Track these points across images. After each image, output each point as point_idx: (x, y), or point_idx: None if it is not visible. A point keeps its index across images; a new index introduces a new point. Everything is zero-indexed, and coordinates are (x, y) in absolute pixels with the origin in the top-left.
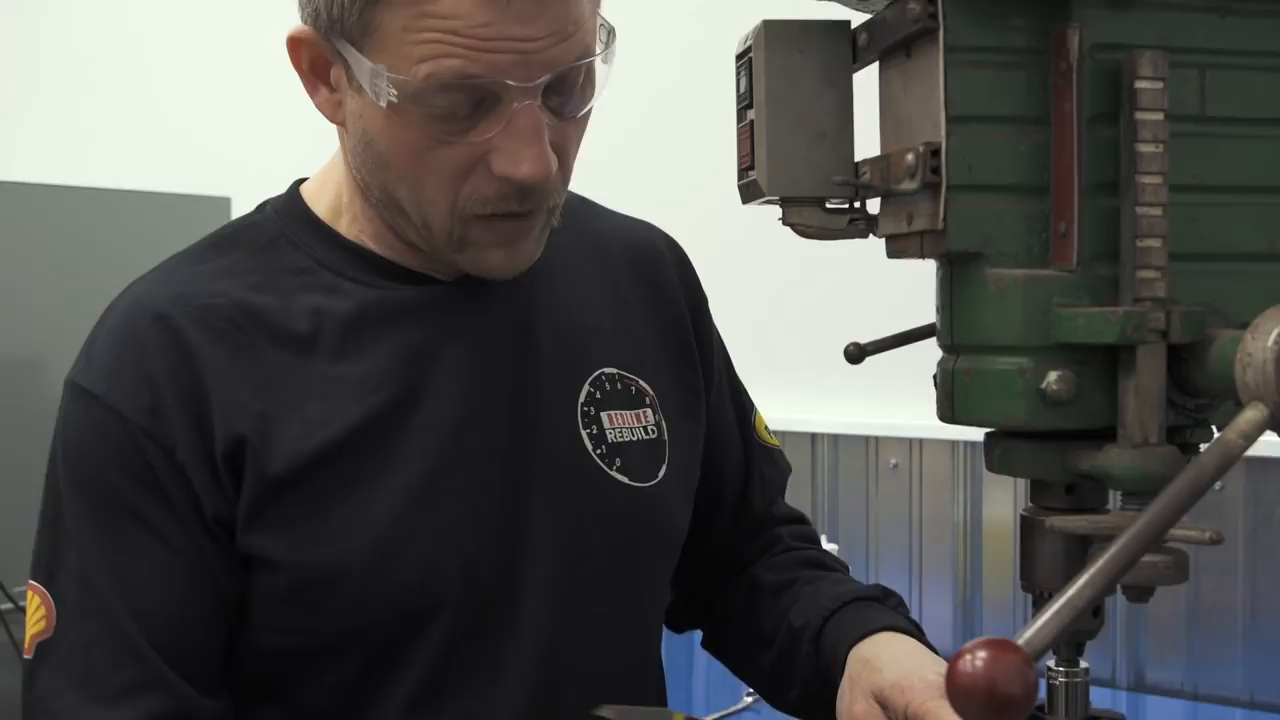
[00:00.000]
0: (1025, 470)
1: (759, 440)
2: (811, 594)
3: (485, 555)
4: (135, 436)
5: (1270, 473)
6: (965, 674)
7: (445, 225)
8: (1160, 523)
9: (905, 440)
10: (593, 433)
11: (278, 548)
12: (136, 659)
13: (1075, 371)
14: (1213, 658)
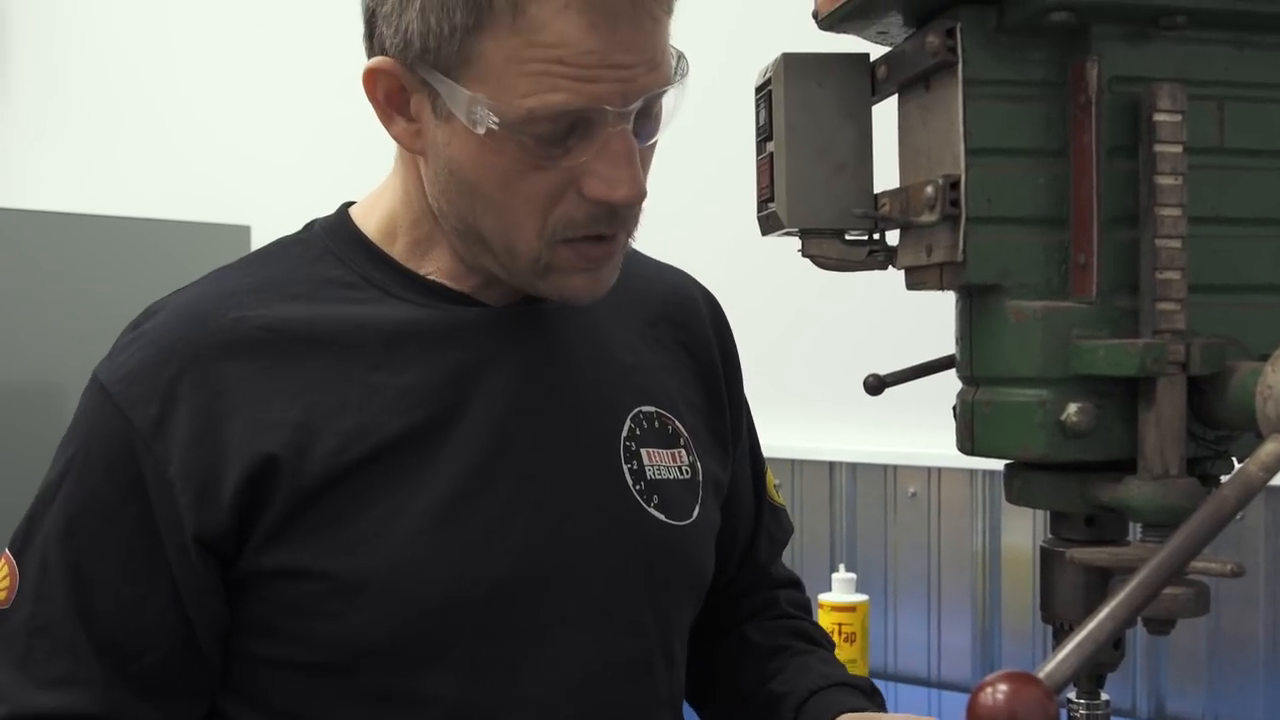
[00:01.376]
0: (1045, 502)
1: (769, 499)
2: (800, 665)
3: (511, 582)
4: (134, 443)
5: None
6: (986, 706)
7: (532, 251)
8: (1181, 555)
9: (924, 469)
10: (633, 468)
11: (302, 556)
12: (73, 655)
13: (1095, 403)
14: (1234, 688)
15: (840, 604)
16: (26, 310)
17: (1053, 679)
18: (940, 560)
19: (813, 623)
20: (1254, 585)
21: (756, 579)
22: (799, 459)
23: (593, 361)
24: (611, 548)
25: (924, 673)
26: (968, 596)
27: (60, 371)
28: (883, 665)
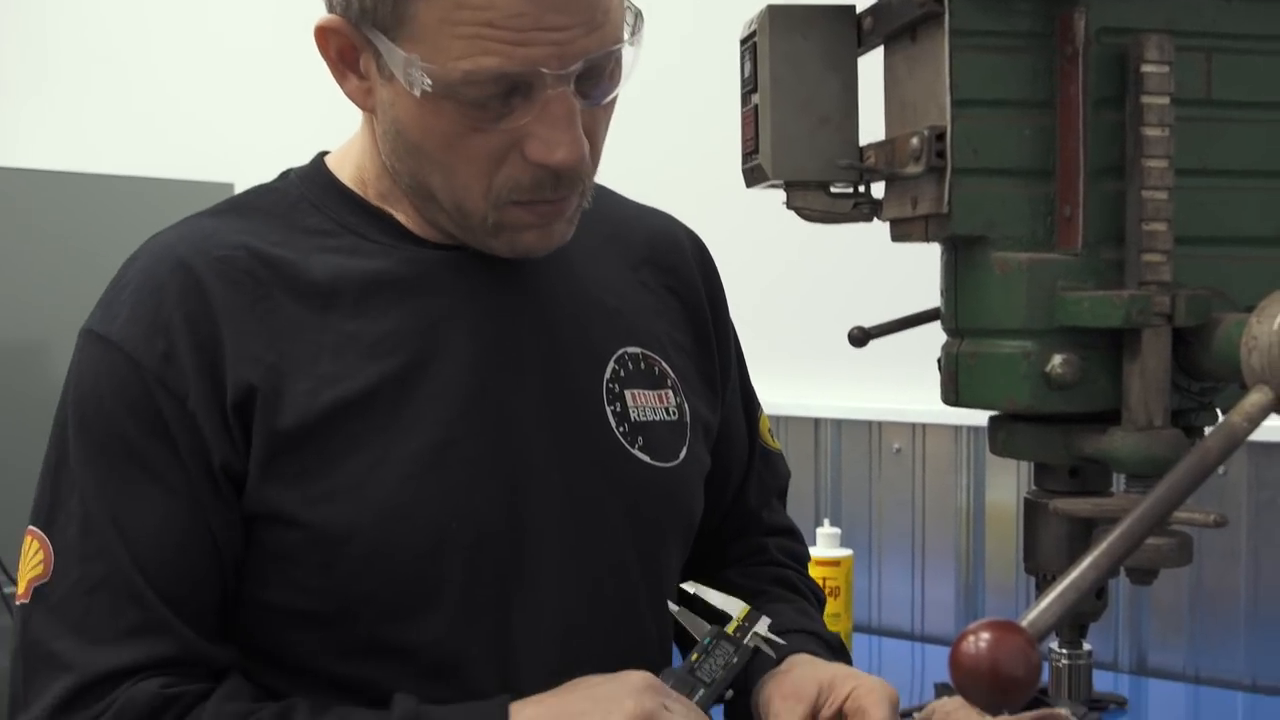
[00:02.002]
0: (1029, 453)
1: (762, 442)
2: (771, 611)
3: (497, 527)
4: (147, 382)
5: (1274, 457)
6: (968, 655)
7: (480, 211)
8: (1164, 505)
9: (908, 425)
10: (616, 410)
11: (289, 502)
12: (139, 603)
13: (1080, 355)
14: (1215, 641)
15: (824, 559)
16: (11, 269)
17: (1035, 627)
18: (924, 515)
19: (801, 573)
20: (1236, 539)
21: (746, 523)
22: (784, 415)
23: (573, 304)
24: (596, 491)
25: (907, 627)
26: (951, 551)
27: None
28: (866, 619)
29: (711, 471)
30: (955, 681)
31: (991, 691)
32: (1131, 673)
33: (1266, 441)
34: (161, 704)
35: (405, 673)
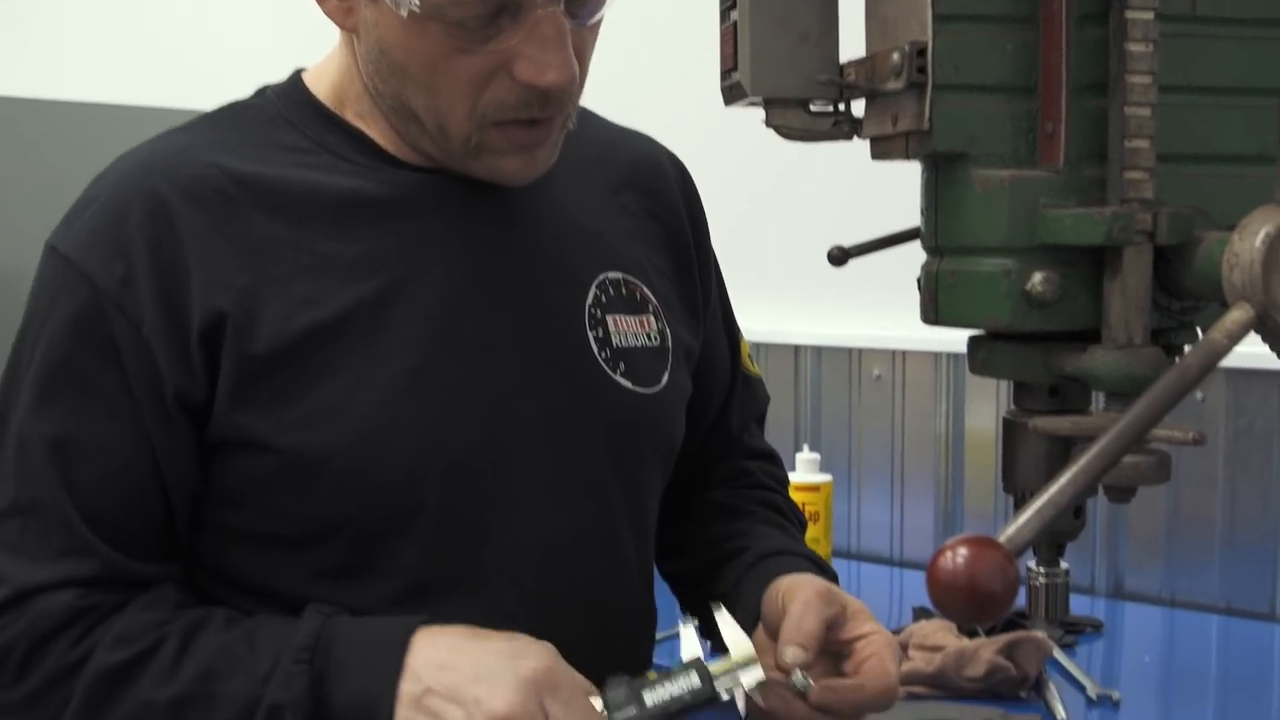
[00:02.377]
0: (1008, 372)
1: (743, 367)
2: (762, 533)
3: (474, 453)
4: (103, 306)
5: (1252, 383)
6: (946, 570)
7: (463, 132)
8: (1143, 421)
9: (888, 352)
10: (598, 335)
11: (262, 428)
12: (68, 530)
13: (1060, 273)
14: (1191, 566)
15: (804, 484)
16: None
17: (1013, 543)
18: (904, 442)
19: (785, 497)
20: (1213, 465)
21: (727, 447)
22: (764, 342)
23: (554, 229)
24: (576, 416)
25: (886, 552)
26: (930, 477)
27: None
28: (846, 545)
29: (693, 396)
30: (932, 597)
31: (969, 606)
32: (1108, 597)
33: (1244, 368)
34: (75, 614)
35: (378, 597)
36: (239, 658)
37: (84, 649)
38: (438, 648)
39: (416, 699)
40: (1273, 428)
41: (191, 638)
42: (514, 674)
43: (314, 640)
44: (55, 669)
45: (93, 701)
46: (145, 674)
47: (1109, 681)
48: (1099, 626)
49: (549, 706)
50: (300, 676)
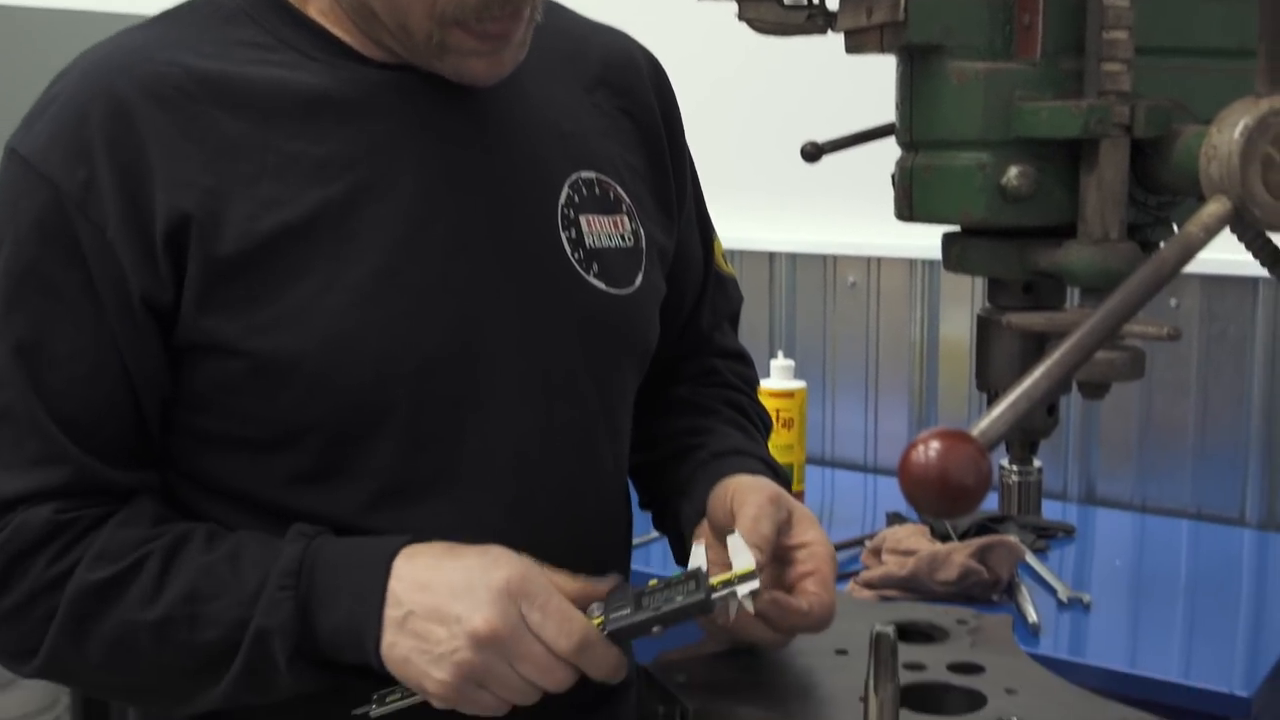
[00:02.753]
0: (983, 268)
1: (717, 267)
2: (723, 432)
3: (446, 354)
4: (66, 209)
5: (1225, 289)
6: (918, 464)
7: (424, 30)
8: (1119, 314)
9: (863, 259)
10: (571, 236)
11: (231, 331)
12: (40, 435)
13: (1036, 167)
14: (1162, 471)
15: (778, 390)
16: None
17: (986, 437)
18: (878, 349)
19: (752, 398)
20: (1186, 372)
21: (698, 345)
22: (739, 249)
23: (526, 128)
24: (549, 318)
25: (860, 459)
26: (905, 385)
27: None
28: (820, 452)
29: (666, 295)
30: (904, 490)
31: (940, 500)
32: (1080, 502)
33: (1218, 274)
34: (54, 529)
35: (352, 500)
36: (222, 578)
37: (64, 565)
38: (415, 568)
39: (400, 622)
40: (1245, 334)
41: (173, 557)
42: (488, 587)
43: (298, 565)
44: (35, 585)
45: (77, 617)
46: (128, 593)
47: (1080, 585)
48: (1070, 531)
49: (527, 614)
50: (286, 602)
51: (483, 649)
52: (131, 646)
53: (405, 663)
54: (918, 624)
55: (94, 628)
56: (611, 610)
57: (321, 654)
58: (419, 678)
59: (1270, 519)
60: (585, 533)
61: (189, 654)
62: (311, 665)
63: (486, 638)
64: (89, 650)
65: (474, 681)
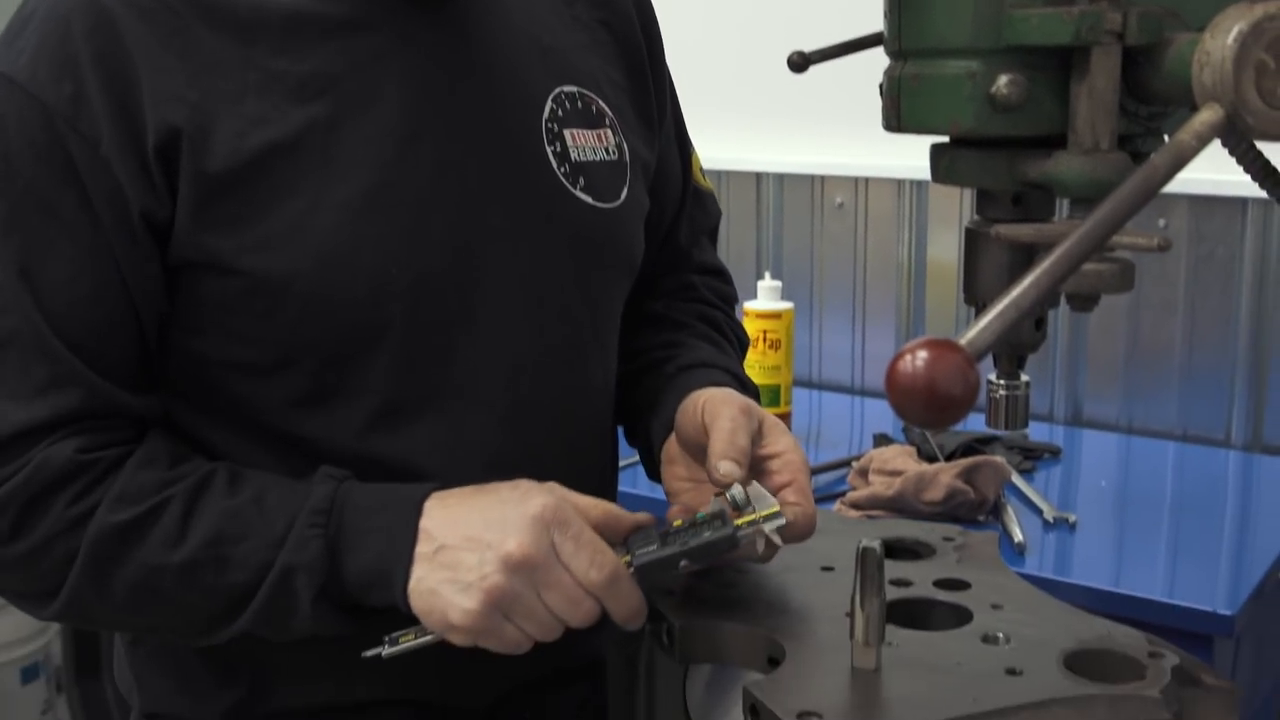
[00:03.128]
0: (972, 179)
1: (695, 181)
2: (693, 345)
3: (438, 271)
4: (56, 126)
5: (1214, 209)
6: (905, 374)
7: None
8: (1109, 222)
9: (850, 179)
10: (556, 150)
11: (224, 250)
12: (49, 358)
13: (1026, 75)
14: (1149, 393)
15: (765, 311)
16: None
17: (974, 346)
18: (866, 271)
19: (728, 314)
20: (1174, 293)
21: (676, 261)
22: (726, 169)
23: (506, 43)
24: (539, 233)
25: (847, 381)
26: (892, 307)
27: None
28: (807, 374)
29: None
30: (892, 400)
31: (928, 410)
32: (1066, 424)
33: (1206, 195)
34: (75, 469)
35: (350, 422)
36: (249, 521)
37: (84, 506)
38: (447, 506)
39: (430, 556)
40: (1233, 255)
41: (196, 500)
42: (522, 514)
43: (329, 504)
44: (54, 527)
45: (98, 560)
46: (150, 536)
47: (1066, 505)
48: (1057, 453)
49: (558, 542)
50: (315, 540)
51: (514, 573)
52: (155, 589)
53: (433, 594)
54: (904, 541)
55: (116, 570)
56: (637, 548)
57: (347, 595)
58: (445, 609)
59: (1255, 440)
60: (576, 447)
61: (215, 596)
62: (334, 607)
63: (519, 562)
64: (111, 593)
65: (501, 610)
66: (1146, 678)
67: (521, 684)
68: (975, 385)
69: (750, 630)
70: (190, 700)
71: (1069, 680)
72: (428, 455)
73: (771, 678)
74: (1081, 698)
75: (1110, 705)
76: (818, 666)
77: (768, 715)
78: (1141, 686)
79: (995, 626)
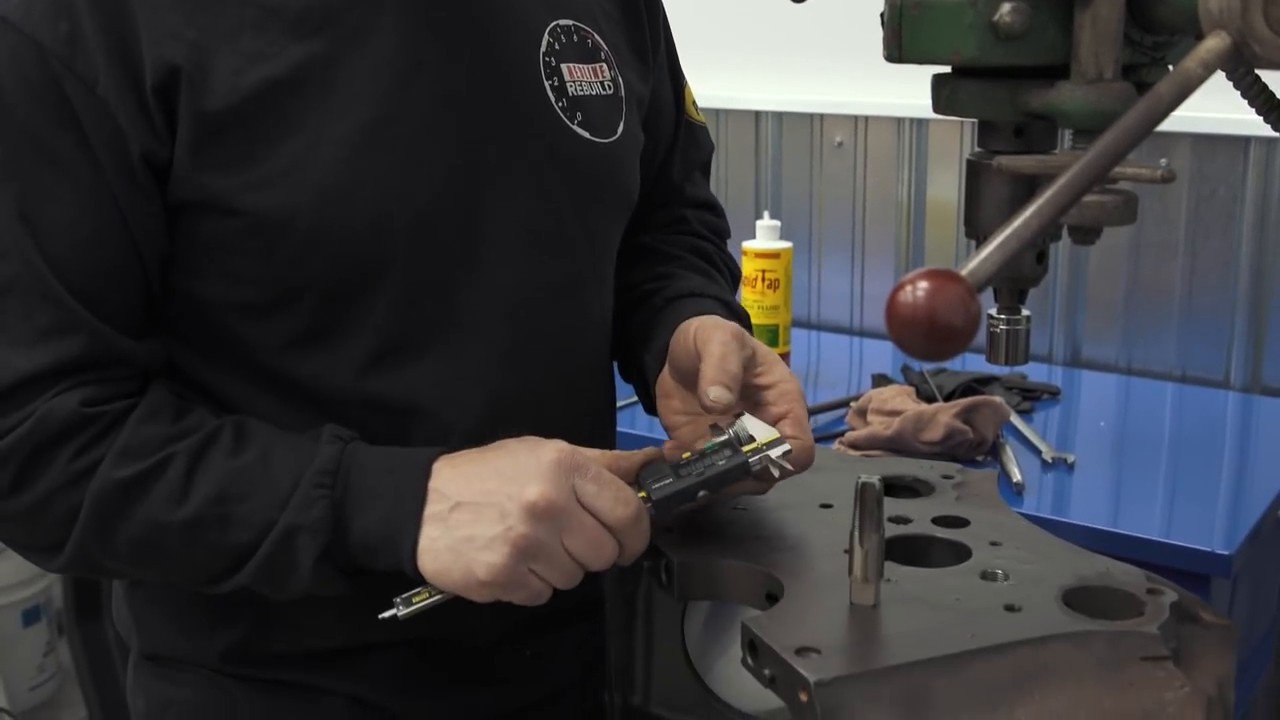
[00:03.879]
0: (973, 110)
1: (687, 115)
2: (684, 276)
3: (439, 205)
4: (52, 68)
5: (1216, 148)
6: (905, 304)
7: None
8: (1114, 150)
9: (850, 118)
10: (554, 84)
11: (225, 187)
12: (52, 302)
13: (1030, 3)
14: (1148, 334)
15: (764, 250)
16: None
17: (975, 276)
18: (865, 210)
19: (719, 247)
20: (1174, 232)
21: (668, 195)
22: (724, 108)
23: None
24: (538, 167)
25: (846, 322)
26: (891, 247)
27: None
28: (806, 315)
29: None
30: (892, 332)
31: (928, 341)
32: (1065, 365)
33: (1208, 133)
34: (79, 422)
35: (348, 362)
36: (254, 479)
37: (88, 460)
38: (457, 465)
39: (444, 517)
40: (1235, 195)
41: (201, 457)
42: (538, 463)
43: (335, 465)
44: (57, 480)
45: (102, 515)
46: (154, 491)
47: (1064, 446)
48: (1056, 394)
49: (579, 485)
50: (320, 501)
51: (539, 521)
52: (158, 545)
53: (452, 553)
54: (903, 479)
55: (120, 526)
56: (650, 483)
57: (350, 558)
58: (468, 566)
59: (1254, 381)
60: (576, 383)
61: (218, 554)
62: (336, 568)
63: (543, 509)
64: (114, 548)
65: (526, 561)
66: (1145, 614)
67: (521, 623)
68: (976, 316)
69: (749, 566)
70: (189, 641)
71: (1067, 616)
72: (428, 392)
73: (770, 613)
74: (1080, 634)
75: (1109, 641)
76: (816, 603)
77: (766, 651)
78: (1140, 623)
79: (994, 563)
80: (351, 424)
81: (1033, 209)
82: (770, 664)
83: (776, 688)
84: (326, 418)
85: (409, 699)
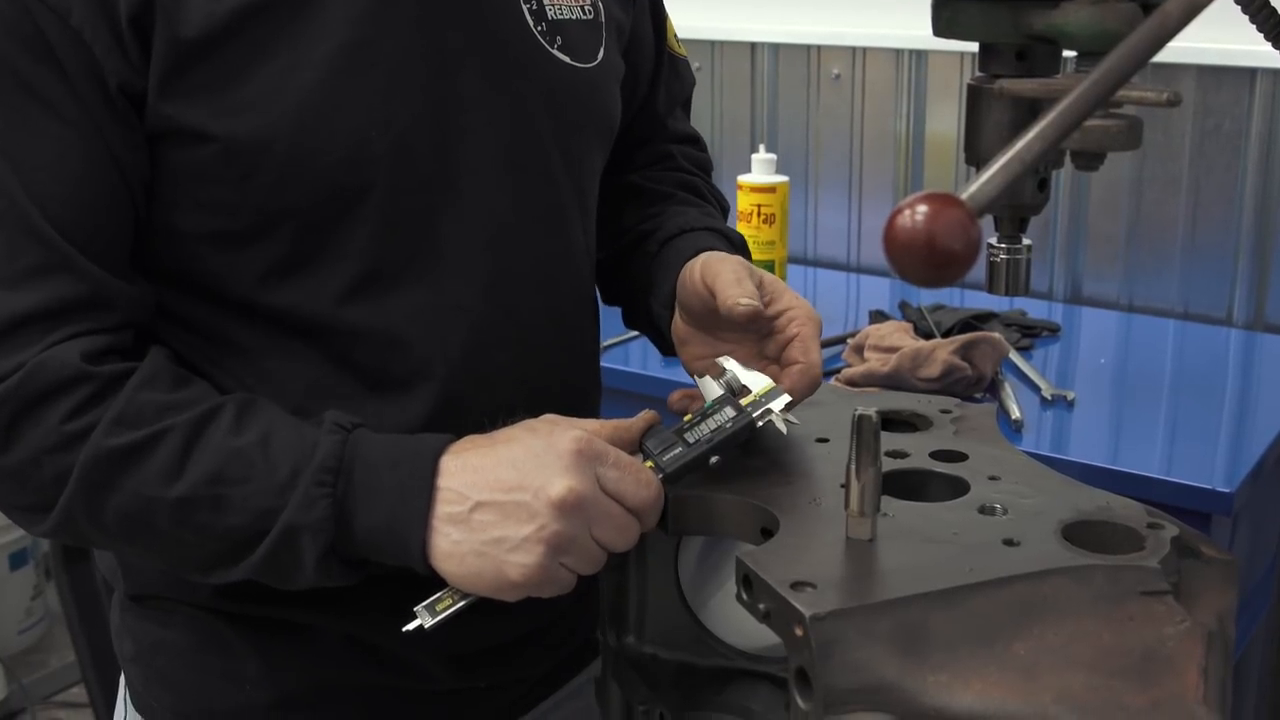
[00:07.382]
0: (975, 33)
1: (669, 48)
2: (677, 211)
3: (417, 130)
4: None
5: (1222, 80)
6: (904, 228)
7: None
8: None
9: (848, 49)
10: (533, 8)
11: (198, 116)
12: (39, 240)
13: None
14: (1150, 271)
15: (759, 184)
16: None
17: (975, 200)
18: (862, 144)
19: (705, 179)
20: (1178, 167)
21: (652, 130)
22: (719, 40)
23: None
24: (517, 92)
25: (843, 258)
26: (889, 181)
27: None
28: (802, 250)
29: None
30: (890, 256)
31: (927, 266)
32: (1066, 302)
33: (1214, 65)
34: (73, 377)
35: (327, 291)
36: (252, 463)
37: (80, 424)
38: (466, 462)
39: (464, 518)
40: (1241, 129)
41: (198, 434)
42: (556, 454)
43: (337, 462)
44: (46, 441)
45: (93, 484)
46: (146, 464)
47: (1064, 383)
48: (1055, 330)
49: (601, 473)
50: (322, 500)
51: (569, 516)
52: (148, 521)
53: (479, 556)
54: (901, 413)
55: (109, 496)
56: (658, 452)
57: (355, 554)
58: (500, 569)
59: (1257, 319)
60: (560, 313)
61: (209, 535)
62: (341, 563)
63: (573, 504)
64: (103, 519)
65: (559, 557)
66: (1145, 548)
67: None
68: (977, 241)
69: (743, 501)
70: (176, 580)
71: (1067, 551)
72: (409, 323)
73: (765, 548)
74: (1079, 568)
75: (1108, 575)
76: (812, 537)
77: (761, 586)
78: (1140, 557)
79: (992, 498)
80: (332, 353)
81: (1035, 131)
82: (765, 599)
83: (771, 622)
84: (307, 348)
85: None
